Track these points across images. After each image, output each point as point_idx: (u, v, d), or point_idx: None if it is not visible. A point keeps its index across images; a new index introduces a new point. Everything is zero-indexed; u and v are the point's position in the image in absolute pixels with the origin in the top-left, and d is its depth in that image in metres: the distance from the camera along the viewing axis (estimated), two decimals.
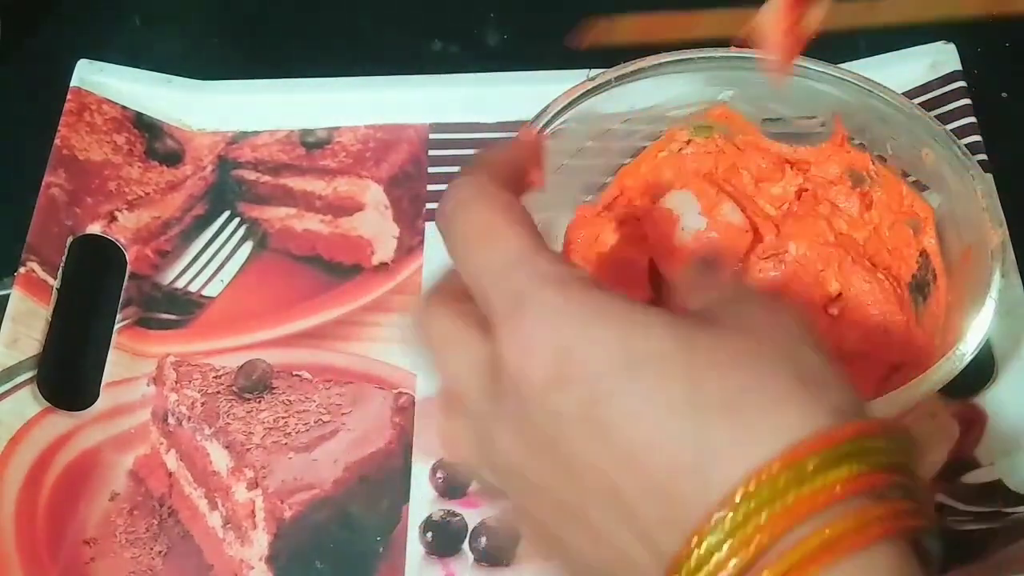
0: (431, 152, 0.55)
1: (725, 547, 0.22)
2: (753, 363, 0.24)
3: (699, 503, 0.23)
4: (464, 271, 0.28)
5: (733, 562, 0.22)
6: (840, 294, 0.47)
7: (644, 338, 0.25)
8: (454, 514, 0.45)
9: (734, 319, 0.26)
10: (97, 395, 0.48)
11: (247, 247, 0.53)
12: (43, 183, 0.52)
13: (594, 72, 0.47)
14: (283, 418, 0.47)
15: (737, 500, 0.22)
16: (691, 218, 0.48)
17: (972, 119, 0.52)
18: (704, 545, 0.23)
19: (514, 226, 0.27)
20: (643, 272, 0.47)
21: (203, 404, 0.48)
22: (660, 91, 0.48)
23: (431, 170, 0.55)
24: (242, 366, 0.49)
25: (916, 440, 0.25)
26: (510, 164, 0.31)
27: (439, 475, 0.46)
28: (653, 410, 0.24)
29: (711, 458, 0.23)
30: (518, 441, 0.26)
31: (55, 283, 0.49)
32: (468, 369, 0.28)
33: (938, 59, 0.54)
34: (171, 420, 0.48)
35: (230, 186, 0.55)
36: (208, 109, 0.57)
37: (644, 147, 0.50)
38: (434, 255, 0.52)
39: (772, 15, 0.29)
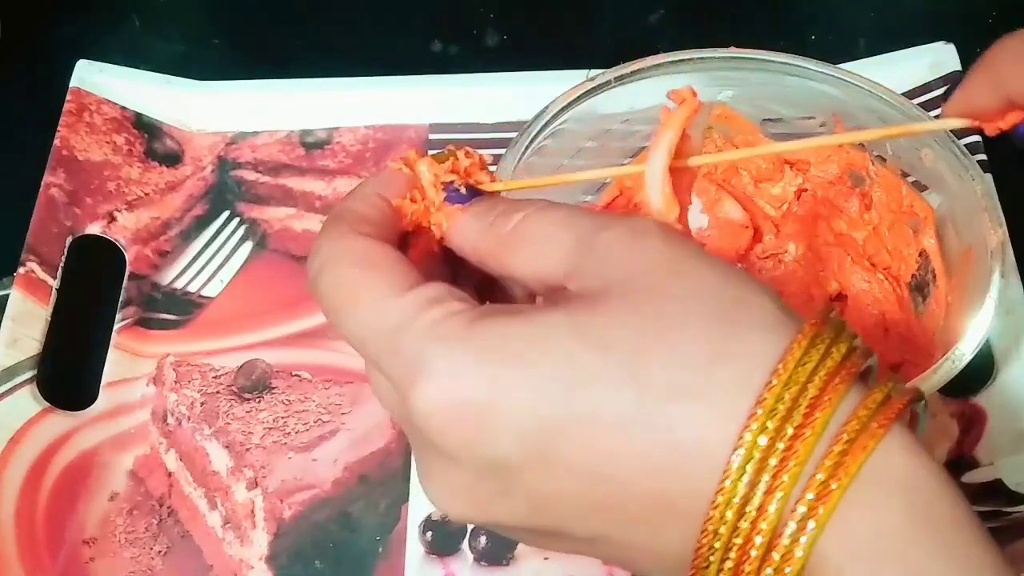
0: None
1: (745, 519, 0.23)
2: (667, 330, 0.23)
3: (688, 497, 0.23)
4: (345, 337, 0.27)
5: (763, 524, 0.22)
6: (840, 294, 0.47)
7: (553, 361, 0.23)
8: None
9: (605, 278, 0.25)
10: (97, 395, 0.48)
11: (247, 247, 0.53)
12: (43, 183, 0.52)
13: (594, 72, 0.47)
14: (283, 418, 0.47)
15: (733, 476, 0.23)
16: (692, 216, 0.48)
17: None
18: (721, 527, 0.23)
19: (375, 280, 0.26)
20: None
21: (203, 404, 0.48)
22: (659, 91, 0.48)
23: None
24: (242, 366, 0.49)
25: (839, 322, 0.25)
26: (372, 203, 0.28)
27: None
28: (604, 425, 0.23)
29: (684, 450, 0.23)
30: (471, 502, 0.26)
31: (55, 283, 0.49)
32: (394, 410, 0.27)
33: (938, 59, 0.54)
34: (171, 420, 0.48)
35: (230, 186, 0.55)
36: (208, 109, 0.57)
37: (644, 147, 0.50)
38: None
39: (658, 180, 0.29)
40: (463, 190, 0.29)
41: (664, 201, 0.28)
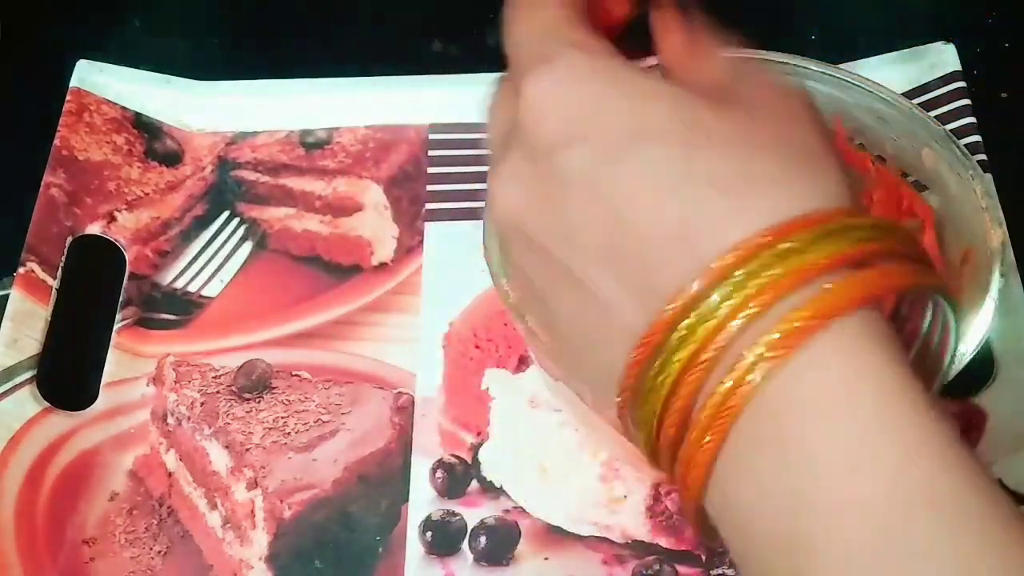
0: (431, 152, 0.55)
1: (714, 318, 0.23)
2: (751, 142, 0.25)
3: (681, 271, 0.24)
4: (507, 42, 0.30)
5: (734, 324, 0.23)
6: None
7: (652, 112, 0.26)
8: (453, 514, 0.45)
9: (738, 97, 0.27)
10: (97, 395, 0.48)
11: (246, 247, 0.53)
12: (43, 183, 0.52)
13: None
14: (283, 418, 0.47)
15: (716, 267, 0.24)
16: None
17: (971, 119, 0.52)
18: (687, 309, 0.24)
19: (556, 6, 0.29)
20: None
21: (203, 404, 0.48)
22: None
23: (431, 170, 0.55)
24: (241, 366, 0.49)
25: (911, 234, 0.26)
26: None
27: (438, 475, 0.46)
28: (651, 179, 0.25)
29: (697, 229, 0.24)
30: (521, 195, 0.28)
31: (55, 283, 0.49)
32: (498, 123, 0.30)
33: (938, 59, 0.54)
34: (171, 420, 0.48)
35: (230, 186, 0.55)
36: (208, 109, 0.57)
37: None
38: (433, 255, 0.52)
39: None
40: None
41: None
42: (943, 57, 0.54)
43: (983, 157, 0.50)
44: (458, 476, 0.46)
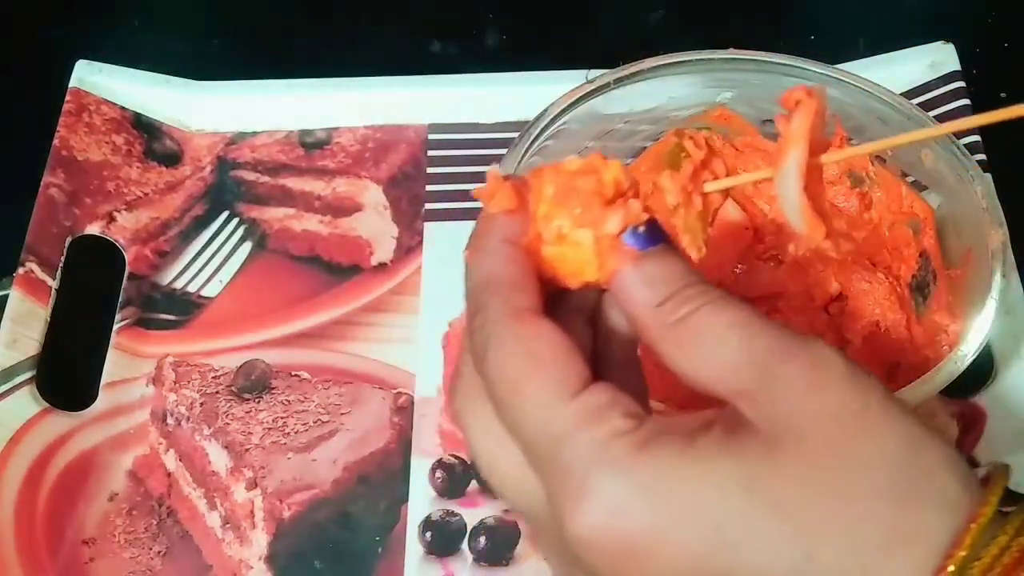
0: (430, 152, 0.55)
1: None
2: (845, 507, 0.22)
3: None
4: (508, 428, 0.25)
5: None
6: (840, 294, 0.47)
7: (726, 522, 0.22)
8: (453, 514, 0.45)
9: (798, 432, 0.23)
10: (96, 395, 0.48)
11: (246, 247, 0.53)
12: (42, 183, 0.52)
13: (593, 74, 0.47)
14: (282, 418, 0.47)
15: None
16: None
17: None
18: None
19: (542, 379, 0.24)
20: None
21: (202, 404, 0.48)
22: (659, 93, 0.48)
23: (430, 170, 0.55)
24: (241, 366, 0.49)
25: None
26: (508, 257, 0.27)
27: (438, 475, 0.45)
28: None
29: None
30: None
31: (54, 283, 0.49)
32: (537, 512, 0.26)
33: (937, 59, 0.54)
34: (170, 420, 0.48)
35: (229, 187, 0.55)
36: (207, 109, 0.57)
37: (645, 147, 0.50)
38: (433, 255, 0.52)
39: (794, 194, 0.27)
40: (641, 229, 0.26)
41: (807, 224, 0.25)
42: (943, 57, 0.54)
43: (983, 157, 0.50)
44: (458, 476, 0.46)
